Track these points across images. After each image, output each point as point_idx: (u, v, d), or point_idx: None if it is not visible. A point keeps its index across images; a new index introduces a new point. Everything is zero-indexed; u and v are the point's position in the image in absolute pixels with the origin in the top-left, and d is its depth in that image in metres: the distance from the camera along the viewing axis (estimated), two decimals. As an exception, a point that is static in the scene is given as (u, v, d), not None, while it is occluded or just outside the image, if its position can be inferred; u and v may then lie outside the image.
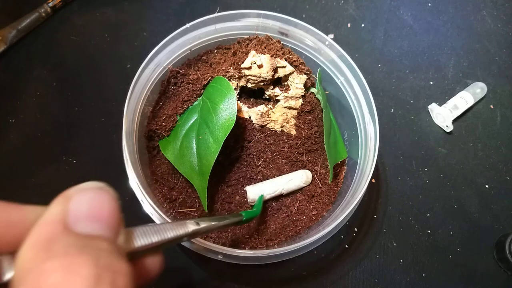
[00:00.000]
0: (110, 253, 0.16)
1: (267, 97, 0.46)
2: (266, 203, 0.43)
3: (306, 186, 0.44)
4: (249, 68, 0.41)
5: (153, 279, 0.22)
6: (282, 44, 0.45)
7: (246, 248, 0.41)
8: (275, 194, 0.42)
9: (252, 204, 0.42)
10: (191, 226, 0.23)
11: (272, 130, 0.45)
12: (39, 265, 0.15)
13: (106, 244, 0.16)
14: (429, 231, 0.49)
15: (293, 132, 0.45)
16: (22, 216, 0.18)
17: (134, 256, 0.20)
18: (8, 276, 0.16)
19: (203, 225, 0.25)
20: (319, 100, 0.45)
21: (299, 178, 0.43)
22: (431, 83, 0.60)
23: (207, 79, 0.42)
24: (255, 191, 0.41)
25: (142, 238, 0.20)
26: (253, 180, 0.43)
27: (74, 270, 0.14)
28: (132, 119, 0.41)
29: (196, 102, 0.43)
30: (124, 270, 0.16)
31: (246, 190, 0.42)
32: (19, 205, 0.18)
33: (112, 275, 0.15)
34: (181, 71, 0.44)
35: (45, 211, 0.17)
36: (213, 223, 0.26)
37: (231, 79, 0.43)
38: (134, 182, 0.36)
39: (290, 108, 0.45)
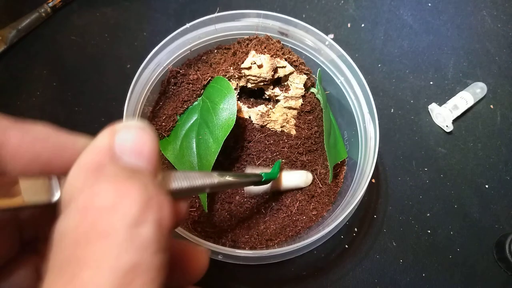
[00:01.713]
0: (155, 184, 0.16)
1: (267, 97, 0.46)
2: (266, 203, 0.43)
3: (305, 187, 0.44)
4: (249, 68, 0.41)
5: (179, 224, 0.23)
6: (282, 44, 0.45)
7: (246, 248, 0.41)
8: (274, 189, 0.42)
9: (252, 195, 0.42)
10: (217, 177, 0.24)
11: (272, 130, 0.45)
12: (90, 186, 0.15)
13: (150, 177, 0.17)
14: (429, 231, 0.49)
15: (293, 132, 0.45)
16: (71, 142, 0.19)
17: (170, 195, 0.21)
18: (57, 197, 0.17)
19: (227, 178, 0.26)
20: (319, 100, 0.45)
21: (299, 178, 0.43)
22: (431, 83, 0.60)
23: (207, 79, 0.42)
24: (254, 188, 0.41)
25: (175, 181, 0.20)
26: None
27: (125, 192, 0.15)
28: (132, 119, 0.41)
29: (196, 102, 0.43)
30: (168, 201, 0.16)
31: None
32: (69, 132, 0.19)
33: (159, 203, 0.16)
34: (181, 71, 0.44)
35: (93, 141, 0.17)
36: (235, 179, 0.27)
37: (231, 79, 0.43)
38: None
39: (290, 108, 0.45)
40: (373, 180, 0.51)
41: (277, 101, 0.45)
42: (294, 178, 0.43)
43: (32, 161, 0.17)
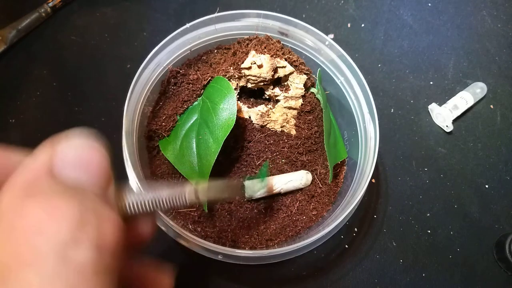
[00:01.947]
0: (96, 200, 0.15)
1: (267, 97, 0.46)
2: (266, 203, 0.43)
3: (305, 187, 0.44)
4: (249, 68, 0.41)
5: (144, 244, 0.20)
6: (282, 44, 0.45)
7: (246, 248, 0.41)
8: (274, 192, 0.42)
9: (249, 200, 0.42)
10: (187, 189, 0.21)
11: (272, 130, 0.45)
12: (18, 205, 0.13)
13: (93, 192, 0.15)
14: (429, 231, 0.49)
15: (293, 132, 0.45)
16: (4, 159, 0.17)
17: (126, 216, 0.18)
18: None
19: (200, 190, 0.22)
20: (319, 100, 0.45)
21: (299, 179, 0.43)
22: (431, 83, 0.60)
23: (207, 79, 0.42)
24: (254, 188, 0.41)
25: (136, 196, 0.18)
26: (253, 180, 0.43)
27: (55, 211, 0.13)
28: (132, 119, 0.41)
29: (196, 102, 0.43)
30: (111, 217, 0.15)
31: (244, 185, 0.42)
32: (4, 147, 0.17)
33: (98, 220, 0.14)
34: (181, 71, 0.44)
35: (29, 156, 0.16)
36: (211, 189, 0.24)
37: (231, 79, 0.43)
38: (134, 182, 0.36)
39: (290, 108, 0.45)
40: (373, 180, 0.51)
41: (277, 101, 0.45)
42: (293, 180, 0.43)
43: None
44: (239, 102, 0.45)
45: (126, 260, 0.18)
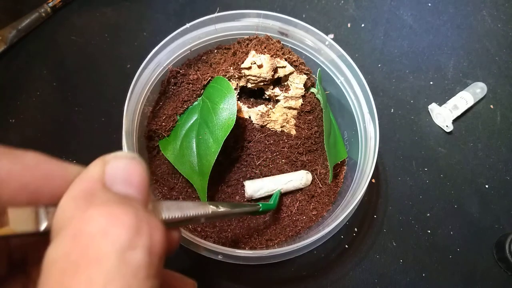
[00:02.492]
0: (145, 210, 0.17)
1: (267, 97, 0.46)
2: (265, 201, 0.43)
3: (305, 187, 0.44)
4: (249, 68, 0.41)
5: (171, 252, 0.23)
6: (282, 44, 0.45)
7: (246, 248, 0.41)
8: (273, 192, 0.42)
9: (249, 200, 0.42)
10: (211, 208, 0.24)
11: (272, 130, 0.45)
12: (82, 213, 0.15)
13: (141, 204, 0.17)
14: (429, 231, 0.49)
15: (293, 132, 0.45)
16: (62, 170, 0.19)
17: (169, 223, 0.21)
18: (43, 226, 0.17)
19: (222, 208, 0.26)
20: (319, 100, 0.45)
21: (299, 179, 0.43)
22: (431, 83, 0.60)
23: (207, 79, 0.42)
24: (254, 187, 0.41)
25: (167, 211, 0.21)
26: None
27: (117, 218, 0.15)
28: (132, 119, 0.41)
29: (196, 102, 0.43)
30: (160, 226, 0.16)
31: (244, 185, 0.42)
32: (60, 160, 0.19)
33: (150, 229, 0.16)
34: (181, 71, 0.44)
35: (84, 170, 0.18)
36: (231, 209, 0.27)
37: (231, 79, 0.43)
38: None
39: (290, 108, 0.45)
40: (373, 180, 0.51)
41: (277, 101, 0.45)
42: (293, 180, 0.43)
43: (21, 190, 0.17)
44: (239, 102, 0.45)
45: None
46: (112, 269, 0.14)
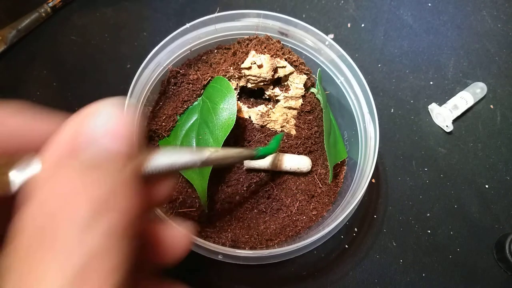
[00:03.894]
0: (123, 172, 0.16)
1: (267, 97, 0.46)
2: (266, 203, 0.43)
3: (303, 178, 0.44)
4: (249, 68, 0.41)
5: (163, 201, 0.22)
6: (282, 44, 0.45)
7: (246, 248, 0.41)
8: (270, 167, 0.42)
9: (248, 168, 0.43)
10: (207, 152, 0.24)
11: (272, 130, 0.45)
12: (53, 178, 0.15)
13: (122, 162, 0.17)
14: (429, 231, 0.49)
15: (293, 132, 0.45)
16: (41, 122, 0.18)
17: (149, 176, 0.20)
18: (15, 188, 0.16)
19: (218, 153, 0.25)
20: (319, 100, 0.45)
21: (301, 160, 0.43)
22: (431, 83, 0.60)
23: (207, 79, 0.42)
24: (252, 163, 0.42)
25: (157, 160, 0.20)
26: (253, 180, 0.43)
27: (83, 189, 0.15)
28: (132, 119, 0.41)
29: (196, 102, 0.43)
30: (133, 193, 0.16)
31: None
32: (41, 111, 0.19)
33: (121, 196, 0.15)
34: (181, 71, 0.44)
35: (65, 122, 0.17)
36: (227, 153, 0.27)
37: (231, 79, 0.43)
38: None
39: (290, 108, 0.45)
40: (373, 180, 0.51)
41: (277, 101, 0.45)
42: (295, 158, 0.43)
43: (5, 138, 0.17)
44: (239, 102, 0.45)
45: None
46: (83, 227, 0.14)
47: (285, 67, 0.43)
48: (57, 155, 0.16)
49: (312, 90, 0.46)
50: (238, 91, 0.44)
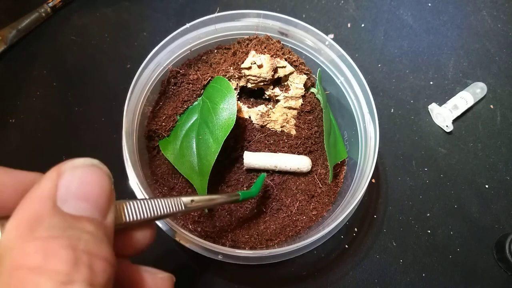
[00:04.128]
0: (93, 235, 0.16)
1: (267, 97, 0.46)
2: (266, 203, 0.43)
3: (303, 178, 0.44)
4: (249, 68, 0.41)
5: (143, 250, 0.22)
6: (282, 44, 0.45)
7: (246, 248, 0.41)
8: (270, 167, 0.42)
9: (248, 168, 0.43)
10: (182, 203, 0.23)
11: (272, 130, 0.45)
12: (22, 245, 0.15)
13: (91, 226, 0.16)
14: (429, 231, 0.49)
15: (293, 132, 0.45)
16: (11, 179, 0.18)
17: (125, 227, 0.20)
18: None
19: (196, 203, 0.25)
20: (319, 100, 0.45)
21: (298, 160, 0.43)
22: (431, 83, 0.60)
23: (207, 79, 0.42)
24: (252, 157, 0.42)
25: (133, 213, 0.20)
26: (253, 180, 0.43)
27: (54, 253, 0.15)
28: (132, 119, 0.41)
29: (196, 102, 0.43)
30: (104, 254, 0.16)
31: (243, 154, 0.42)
32: (8, 168, 0.19)
33: (91, 259, 0.15)
34: (181, 71, 0.44)
35: (35, 186, 0.17)
36: (206, 202, 0.26)
37: (231, 79, 0.43)
38: (134, 182, 0.36)
39: (290, 108, 0.45)
40: (373, 180, 0.51)
41: (277, 101, 0.45)
42: (292, 160, 0.43)
43: None
44: (239, 102, 0.45)
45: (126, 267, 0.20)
46: None
47: (285, 67, 0.43)
48: (21, 224, 0.16)
49: (312, 90, 0.46)
50: (238, 91, 0.44)
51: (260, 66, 0.41)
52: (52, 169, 0.17)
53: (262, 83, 0.43)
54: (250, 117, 0.44)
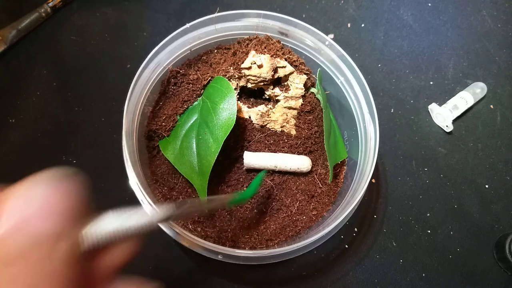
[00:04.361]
0: (52, 256, 0.15)
1: (267, 97, 0.46)
2: (266, 203, 0.43)
3: (303, 178, 0.44)
4: (249, 68, 0.41)
5: (123, 264, 0.21)
6: (282, 44, 0.45)
7: (246, 248, 0.41)
8: (270, 167, 0.42)
9: (248, 168, 0.43)
10: (164, 215, 0.22)
11: (272, 130, 0.45)
12: None
13: (51, 245, 0.16)
14: (429, 231, 0.49)
15: (293, 132, 0.45)
16: None
17: (100, 242, 0.19)
18: None
19: (179, 211, 0.23)
20: (319, 100, 0.45)
21: (298, 160, 0.43)
22: (431, 83, 0.60)
23: (207, 79, 0.42)
24: (252, 156, 0.42)
25: (106, 227, 0.19)
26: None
27: (13, 279, 0.14)
28: (132, 119, 0.41)
29: (196, 102, 0.43)
30: (63, 276, 0.16)
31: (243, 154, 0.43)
32: None
33: (50, 283, 0.15)
34: (181, 71, 0.44)
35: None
36: (196, 208, 0.25)
37: (231, 79, 0.43)
38: (134, 182, 0.36)
39: (290, 108, 0.45)
40: (373, 180, 0.51)
41: (277, 101, 0.45)
42: (292, 160, 0.43)
43: None
44: (239, 102, 0.45)
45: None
46: None
47: (285, 67, 0.43)
48: None
49: (312, 90, 0.46)
50: (238, 91, 0.44)
51: (260, 66, 0.41)
52: (14, 187, 0.16)
53: (262, 83, 0.43)
54: (250, 117, 0.44)
